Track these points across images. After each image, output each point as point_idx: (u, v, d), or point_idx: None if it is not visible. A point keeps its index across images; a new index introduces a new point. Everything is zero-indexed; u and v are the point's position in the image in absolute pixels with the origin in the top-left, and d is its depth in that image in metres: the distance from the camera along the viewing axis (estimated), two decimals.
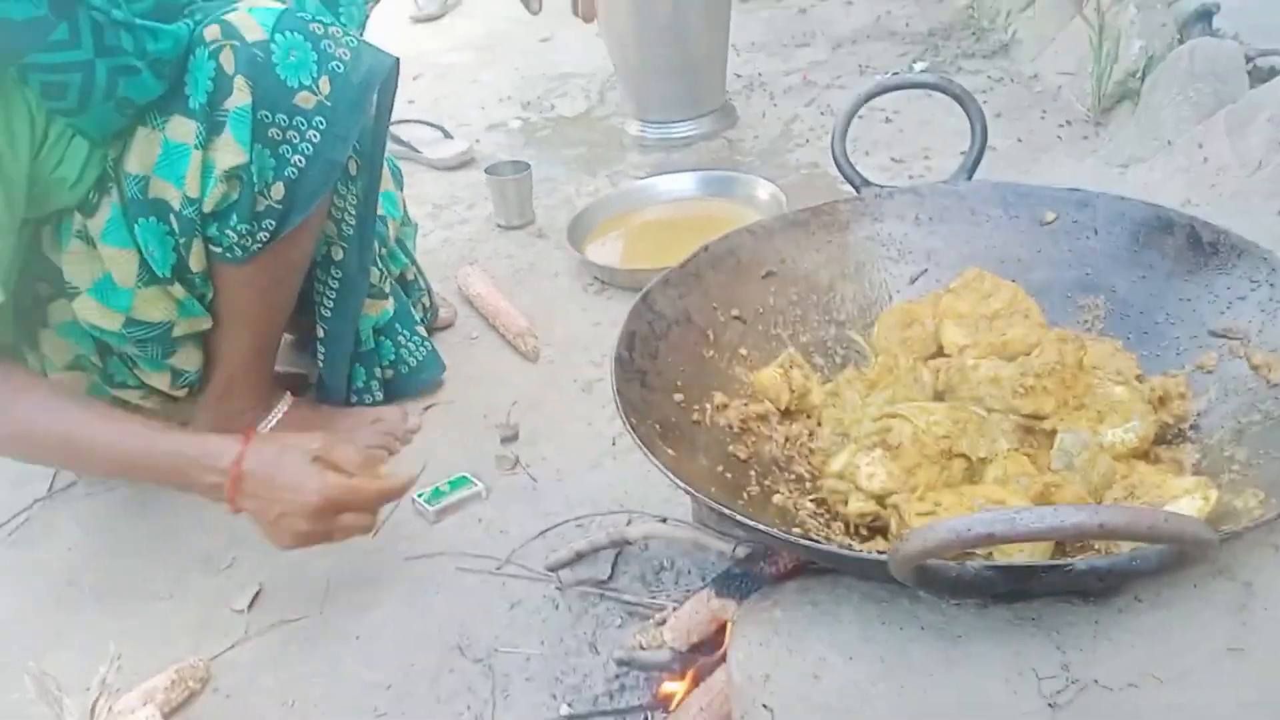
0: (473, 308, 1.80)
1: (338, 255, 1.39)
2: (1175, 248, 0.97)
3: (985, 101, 2.20)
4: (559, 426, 1.49)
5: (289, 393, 1.46)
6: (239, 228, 1.18)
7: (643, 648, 1.10)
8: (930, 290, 1.07)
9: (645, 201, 2.05)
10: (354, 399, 1.52)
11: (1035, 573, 0.67)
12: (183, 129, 1.13)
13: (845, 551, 0.77)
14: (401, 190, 1.64)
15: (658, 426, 0.89)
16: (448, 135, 2.45)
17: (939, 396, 0.96)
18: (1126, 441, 0.86)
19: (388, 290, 1.51)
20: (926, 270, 1.10)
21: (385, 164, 1.47)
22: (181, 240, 1.18)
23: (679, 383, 0.97)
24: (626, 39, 2.28)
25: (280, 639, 1.19)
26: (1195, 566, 0.60)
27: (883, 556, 0.64)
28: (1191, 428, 0.89)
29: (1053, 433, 0.88)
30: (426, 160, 2.39)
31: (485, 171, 2.08)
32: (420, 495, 1.35)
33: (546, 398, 1.56)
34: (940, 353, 1.02)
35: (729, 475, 0.89)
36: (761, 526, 0.73)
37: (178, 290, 1.22)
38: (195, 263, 1.21)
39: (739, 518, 0.74)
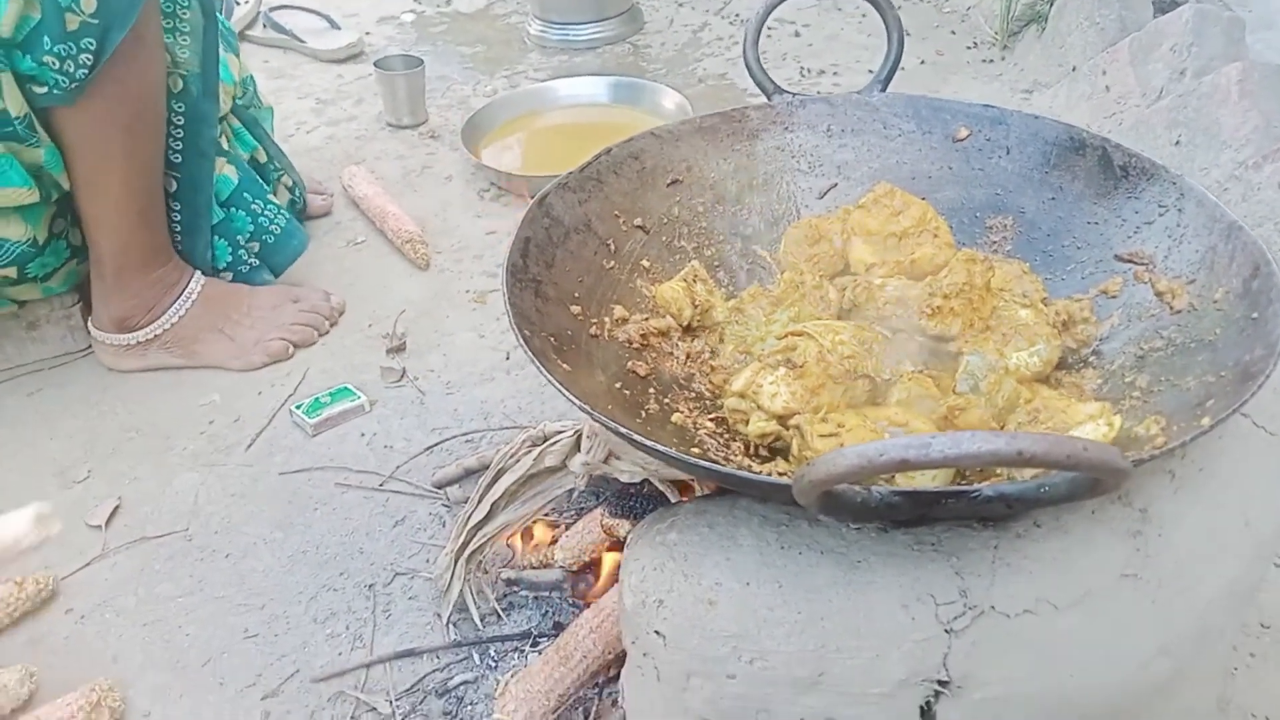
0: (358, 210, 1.70)
1: (177, 86, 1.28)
2: (1086, 169, 0.96)
3: None
4: (449, 338, 1.42)
5: (198, 270, 1.35)
6: (55, 50, 1.06)
7: (532, 566, 1.07)
8: (839, 205, 1.03)
9: (546, 105, 1.96)
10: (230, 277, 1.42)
11: (941, 498, 0.65)
12: None
13: (747, 474, 0.74)
14: (237, 56, 1.49)
15: (553, 339, 0.84)
16: (334, 25, 2.29)
17: (844, 315, 0.93)
18: (1031, 365, 0.84)
19: (226, 147, 1.39)
20: (836, 184, 1.06)
21: None
22: None
23: (576, 294, 0.91)
24: None
25: (141, 557, 1.11)
26: (1104, 495, 0.59)
27: (786, 481, 0.61)
28: (1094, 353, 0.88)
29: (957, 355, 0.86)
30: (311, 50, 2.24)
31: (375, 65, 1.96)
32: (298, 406, 1.27)
33: (436, 307, 1.49)
34: (847, 270, 0.99)
35: (627, 392, 0.85)
36: (660, 447, 0.69)
37: None
38: (13, 105, 1.08)
39: (636, 437, 0.70)
